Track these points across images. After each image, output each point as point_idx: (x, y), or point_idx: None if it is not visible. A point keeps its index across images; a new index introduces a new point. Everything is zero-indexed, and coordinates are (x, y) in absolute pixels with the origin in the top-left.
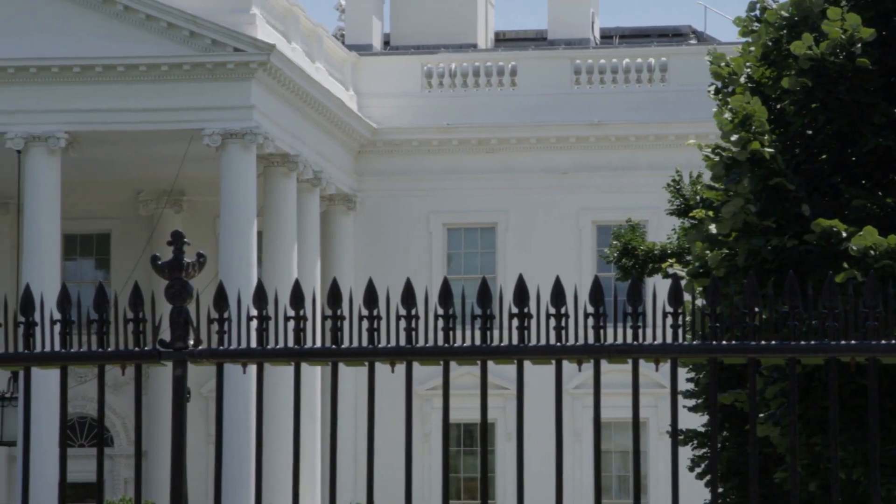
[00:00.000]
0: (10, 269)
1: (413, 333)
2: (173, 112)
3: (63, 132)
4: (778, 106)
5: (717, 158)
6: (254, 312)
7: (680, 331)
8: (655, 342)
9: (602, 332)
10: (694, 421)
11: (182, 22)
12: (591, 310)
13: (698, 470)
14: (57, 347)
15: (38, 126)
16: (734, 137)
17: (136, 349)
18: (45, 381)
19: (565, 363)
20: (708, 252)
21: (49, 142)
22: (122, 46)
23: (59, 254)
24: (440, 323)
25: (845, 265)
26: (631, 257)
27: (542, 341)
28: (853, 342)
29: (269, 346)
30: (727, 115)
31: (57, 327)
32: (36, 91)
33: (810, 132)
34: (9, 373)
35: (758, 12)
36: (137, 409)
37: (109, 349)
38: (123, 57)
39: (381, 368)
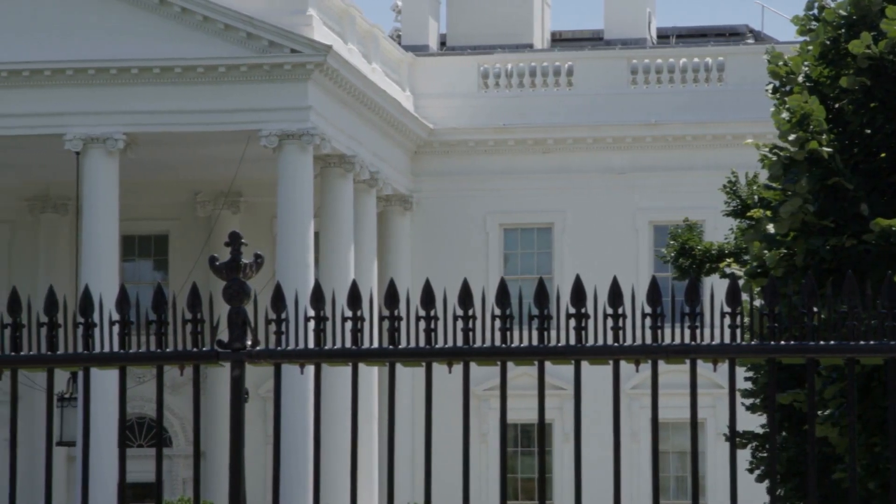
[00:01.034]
0: (69, 270)
1: (470, 334)
2: (230, 113)
3: (121, 133)
4: (836, 105)
5: (774, 158)
6: (311, 313)
7: (738, 331)
8: (713, 342)
9: (660, 332)
10: (752, 421)
11: (239, 23)
12: (648, 310)
13: (758, 472)
14: (116, 348)
15: (96, 127)
16: (792, 137)
17: (195, 350)
18: (104, 381)
19: (623, 363)
20: (766, 252)
21: (107, 143)
22: (179, 48)
23: (118, 255)
24: (497, 323)
25: None
26: (688, 257)
27: (600, 342)
28: None
29: (326, 347)
30: (785, 115)
31: (116, 328)
32: (94, 93)
33: (869, 131)
34: (68, 373)
35: (816, 11)
36: (196, 410)
37: (168, 350)
38: (181, 58)
39: (439, 369)
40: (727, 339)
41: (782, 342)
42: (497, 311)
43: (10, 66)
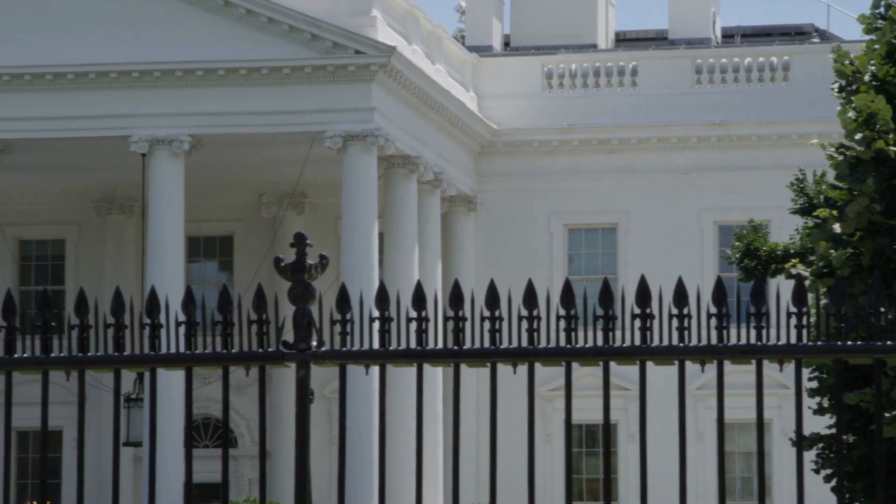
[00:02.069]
0: (134, 271)
1: (535, 334)
2: (295, 115)
3: (186, 135)
4: None
5: (840, 157)
6: (376, 313)
7: (804, 331)
8: (779, 343)
9: (725, 332)
10: (818, 422)
11: (303, 25)
12: (713, 310)
13: (824, 472)
14: (182, 349)
15: (161, 129)
16: (858, 136)
17: (260, 351)
18: (170, 382)
19: (688, 364)
20: (832, 251)
21: (173, 145)
22: (244, 50)
23: (183, 256)
24: (562, 324)
25: None
26: (753, 258)
27: (665, 342)
28: None
29: (391, 348)
30: (851, 114)
31: (182, 329)
32: (160, 95)
33: None
34: (135, 374)
35: (882, 9)
36: (261, 411)
37: (234, 351)
38: (246, 60)
39: (503, 369)
40: (793, 340)
41: (849, 342)
42: (562, 312)
43: (77, 68)
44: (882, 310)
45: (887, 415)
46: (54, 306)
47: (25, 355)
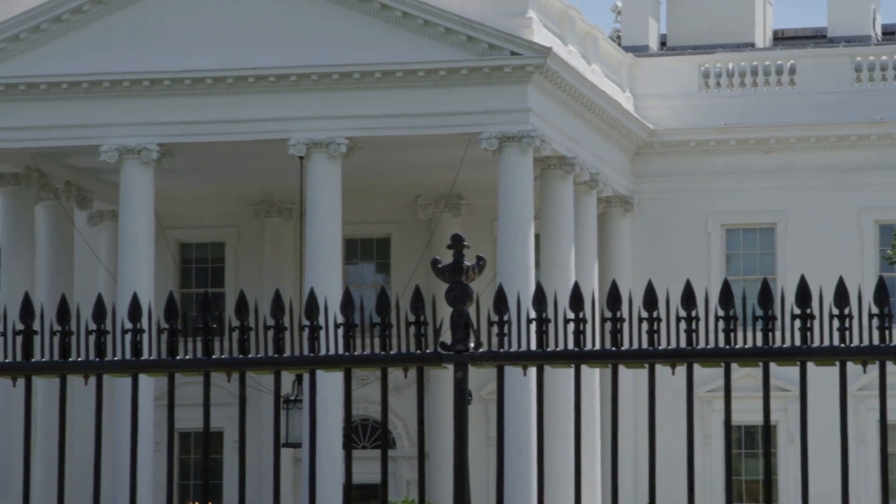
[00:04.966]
0: (293, 273)
1: (693, 335)
2: (451, 116)
3: (343, 138)
4: None
5: None
6: (533, 315)
7: None
8: None
9: (887, 332)
10: None
11: (459, 27)
12: (875, 310)
13: None
14: (341, 351)
15: (319, 132)
16: None
17: (418, 352)
18: (327, 383)
19: (849, 364)
20: None
21: (330, 147)
22: (400, 52)
23: (341, 258)
24: (721, 324)
25: None
26: None
27: (826, 342)
28: None
29: (548, 349)
30: None
31: (340, 331)
32: (317, 98)
33: None
34: (293, 376)
35: None
36: (420, 412)
37: (392, 352)
38: (402, 62)
39: (661, 370)
40: None
41: None
42: (721, 312)
43: (236, 72)
44: None
45: None
46: (215, 309)
47: (187, 357)
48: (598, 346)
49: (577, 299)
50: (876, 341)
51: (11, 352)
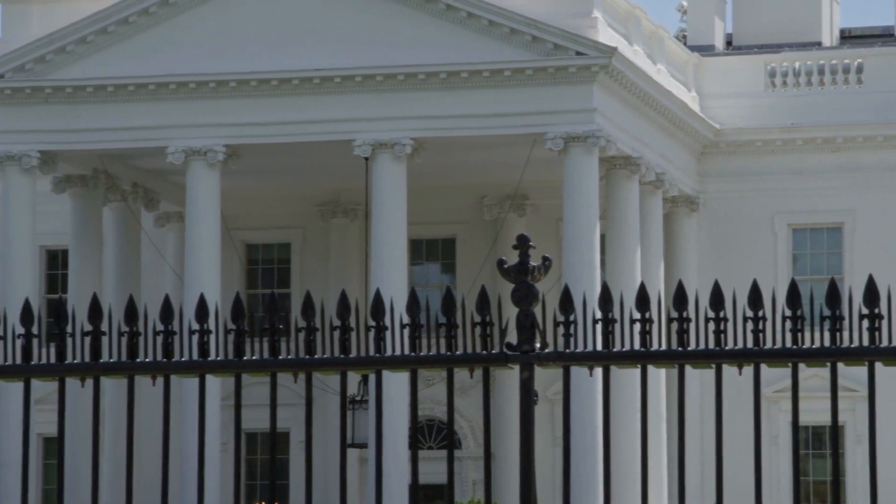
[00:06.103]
0: (358, 274)
1: (760, 335)
2: (516, 116)
3: (409, 139)
4: None
5: None
6: (599, 315)
7: None
8: None
9: None
10: None
11: (524, 27)
12: None
13: None
14: (407, 351)
15: (384, 133)
16: None
17: (484, 353)
18: (393, 384)
19: None
20: None
21: (395, 148)
22: (465, 52)
23: (406, 258)
24: (788, 324)
25: None
26: None
27: (894, 342)
28: None
29: (615, 349)
30: None
31: (406, 331)
32: (382, 99)
33: None
34: (359, 376)
35: None
36: (486, 412)
37: (458, 353)
38: (467, 63)
39: (728, 370)
40: None
41: None
42: (787, 312)
43: (302, 73)
44: None
45: None
46: (281, 309)
47: (254, 358)
48: (664, 347)
49: (643, 299)
50: None
51: (80, 353)
